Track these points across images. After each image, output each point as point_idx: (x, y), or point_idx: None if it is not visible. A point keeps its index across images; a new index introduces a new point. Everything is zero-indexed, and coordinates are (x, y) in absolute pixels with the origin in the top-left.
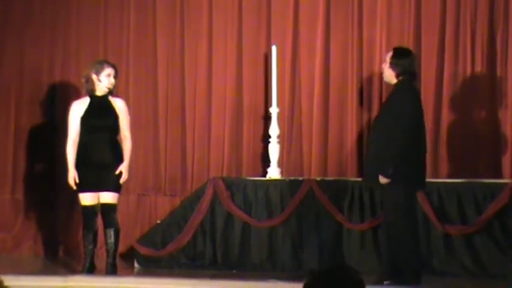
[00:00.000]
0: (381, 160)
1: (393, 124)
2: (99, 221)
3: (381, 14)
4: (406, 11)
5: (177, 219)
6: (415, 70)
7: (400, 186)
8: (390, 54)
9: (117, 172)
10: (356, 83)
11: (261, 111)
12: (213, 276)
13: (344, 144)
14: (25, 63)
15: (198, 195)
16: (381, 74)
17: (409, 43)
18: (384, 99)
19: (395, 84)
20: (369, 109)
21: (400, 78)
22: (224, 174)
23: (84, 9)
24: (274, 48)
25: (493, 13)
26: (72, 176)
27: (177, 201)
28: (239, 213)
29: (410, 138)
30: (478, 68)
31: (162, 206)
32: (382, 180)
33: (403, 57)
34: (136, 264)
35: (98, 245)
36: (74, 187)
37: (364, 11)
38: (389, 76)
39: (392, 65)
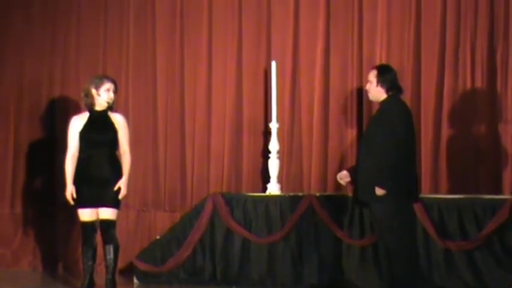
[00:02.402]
0: (378, 172)
1: (388, 138)
2: (99, 237)
3: (380, 29)
4: (406, 27)
5: (176, 234)
6: (399, 84)
7: (392, 199)
8: (374, 72)
9: (116, 188)
10: (356, 99)
11: (261, 126)
12: None
13: (344, 159)
14: (25, 77)
15: (197, 210)
16: None
17: (409, 59)
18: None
19: (385, 100)
20: None
21: (390, 93)
22: (224, 190)
23: (84, 24)
24: (274, 64)
25: (493, 28)
26: (70, 191)
27: (177, 216)
28: (239, 229)
29: (404, 152)
30: (478, 83)
31: (162, 222)
32: (379, 192)
33: (387, 73)
34: (135, 280)
35: (97, 261)
36: (72, 202)
37: (364, 27)
38: (378, 94)
39: (380, 82)
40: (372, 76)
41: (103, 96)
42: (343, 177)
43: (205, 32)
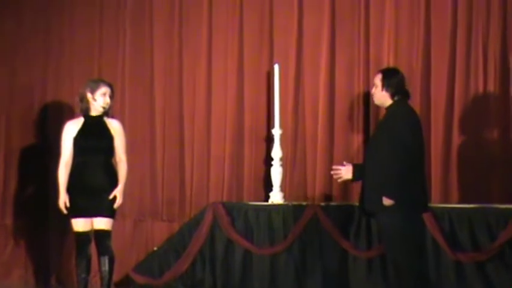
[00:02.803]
0: (385, 182)
1: (395, 145)
2: (93, 248)
3: (388, 30)
4: (415, 28)
5: (175, 245)
6: (407, 88)
7: (400, 210)
8: (379, 76)
9: (111, 196)
10: (363, 103)
11: (263, 132)
12: None
13: None
14: (16, 81)
15: (197, 220)
16: None
17: (418, 61)
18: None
19: (391, 105)
20: None
21: (396, 98)
22: (224, 199)
23: (78, 26)
24: (276, 67)
25: (506, 30)
26: (63, 200)
27: (175, 226)
28: (240, 240)
29: (411, 160)
30: (491, 87)
31: (159, 232)
32: (387, 202)
33: (393, 77)
34: None
35: (92, 273)
36: (65, 211)
37: (371, 28)
38: (383, 98)
39: (385, 86)
40: (377, 80)
41: (99, 101)
42: (345, 173)
43: (205, 33)
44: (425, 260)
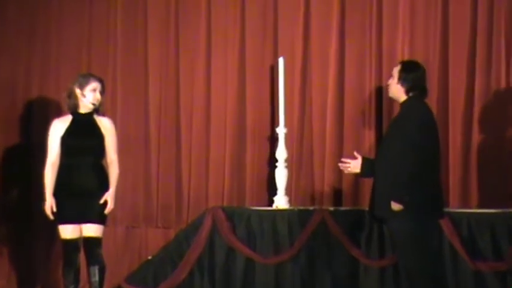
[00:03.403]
0: (394, 186)
1: (406, 146)
2: (82, 256)
3: (403, 19)
4: (432, 17)
5: (171, 254)
6: (425, 85)
7: (413, 215)
8: (398, 68)
9: (101, 201)
10: (375, 100)
11: (267, 131)
12: None
13: None
14: None
15: (195, 226)
16: None
17: (435, 53)
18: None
19: (405, 102)
20: None
21: (410, 94)
22: (224, 203)
23: (66, 16)
24: (281, 60)
25: None
26: (50, 204)
27: (171, 233)
28: (242, 248)
29: (424, 162)
30: None
31: (154, 240)
32: (395, 206)
33: (412, 71)
34: None
35: (81, 284)
36: (51, 217)
37: (383, 17)
38: (398, 92)
39: (401, 80)
40: (396, 71)
41: (88, 97)
42: (354, 166)
43: (204, 24)
44: (443, 268)
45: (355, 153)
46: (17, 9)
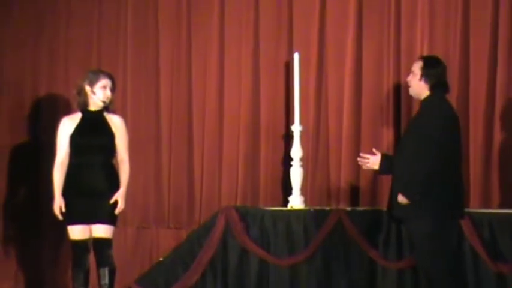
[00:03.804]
0: (410, 184)
1: (426, 145)
2: (91, 258)
3: (422, 14)
4: (452, 11)
5: (182, 255)
6: (447, 81)
7: (431, 216)
8: (420, 64)
9: (112, 201)
10: (393, 97)
11: (281, 130)
12: None
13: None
14: (4, 73)
15: (207, 227)
16: None
17: (455, 48)
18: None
19: (426, 99)
20: None
21: (433, 91)
22: (238, 203)
23: (75, 10)
24: (296, 56)
25: None
26: (58, 204)
27: (183, 234)
28: (255, 249)
29: (443, 160)
30: None
31: (165, 241)
32: (401, 199)
33: (435, 67)
34: None
35: (90, 286)
36: (60, 217)
37: (402, 12)
38: (420, 89)
39: (425, 76)
40: (417, 68)
41: (98, 95)
42: (372, 162)
43: (217, 18)
44: (463, 269)
45: (374, 150)
46: (25, 7)
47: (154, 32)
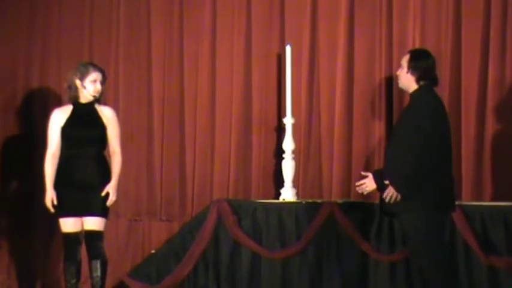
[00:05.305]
0: (397, 175)
1: (414, 138)
2: (83, 250)
3: (414, 6)
4: (444, 4)
5: (174, 248)
6: (436, 74)
7: (422, 209)
8: (407, 57)
9: (103, 193)
10: (385, 89)
11: (273, 122)
12: None
13: (370, 160)
14: None
15: (199, 220)
16: None
17: (447, 41)
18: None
19: (415, 92)
20: None
21: (421, 83)
22: (230, 196)
23: (67, 4)
24: (288, 48)
25: None
26: (50, 196)
27: (175, 227)
28: (247, 241)
29: (432, 153)
30: None
31: (157, 233)
32: (390, 192)
33: (422, 60)
34: None
35: (82, 279)
36: (52, 210)
37: (394, 5)
38: (407, 82)
39: (411, 69)
40: (404, 61)
41: (88, 88)
42: (369, 184)
43: (208, 9)
44: (455, 262)
45: (363, 173)
46: None
47: (146, 25)
